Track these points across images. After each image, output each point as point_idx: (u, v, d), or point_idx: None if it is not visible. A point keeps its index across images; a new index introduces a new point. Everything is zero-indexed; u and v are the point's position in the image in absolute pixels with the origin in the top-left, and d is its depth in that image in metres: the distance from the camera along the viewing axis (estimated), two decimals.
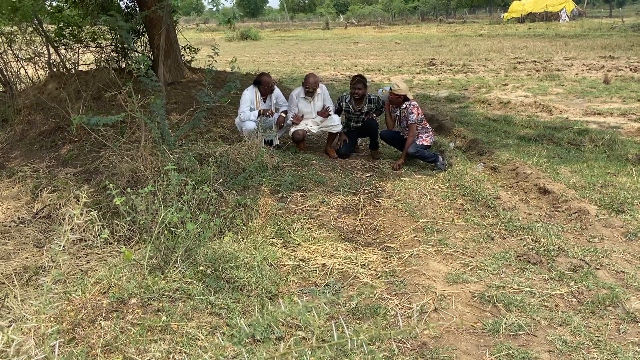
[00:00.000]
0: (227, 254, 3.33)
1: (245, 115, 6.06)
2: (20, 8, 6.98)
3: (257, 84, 6.24)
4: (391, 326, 2.93)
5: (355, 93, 6.23)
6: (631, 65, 13.57)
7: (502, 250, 3.87)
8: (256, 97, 6.22)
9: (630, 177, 5.16)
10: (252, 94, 6.20)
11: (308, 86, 6.21)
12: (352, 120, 6.50)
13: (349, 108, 6.39)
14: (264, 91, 6.25)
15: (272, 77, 6.40)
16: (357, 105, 6.35)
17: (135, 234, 3.80)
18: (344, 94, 6.48)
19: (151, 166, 4.59)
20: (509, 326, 2.91)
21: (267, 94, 6.30)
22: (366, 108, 6.36)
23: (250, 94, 6.20)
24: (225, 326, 2.65)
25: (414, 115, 5.91)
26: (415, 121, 5.92)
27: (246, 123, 6.03)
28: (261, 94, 6.26)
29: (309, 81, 6.23)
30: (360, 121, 6.45)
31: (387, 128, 6.34)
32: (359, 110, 6.37)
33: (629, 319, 2.94)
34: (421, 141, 5.94)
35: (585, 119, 8.21)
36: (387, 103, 6.20)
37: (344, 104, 6.40)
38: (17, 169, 5.65)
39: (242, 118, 6.08)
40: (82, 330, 2.44)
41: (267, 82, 6.21)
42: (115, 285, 2.82)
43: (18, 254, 3.85)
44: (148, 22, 7.67)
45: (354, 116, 6.43)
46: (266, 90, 6.24)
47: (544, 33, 27.81)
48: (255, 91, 6.23)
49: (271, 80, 6.28)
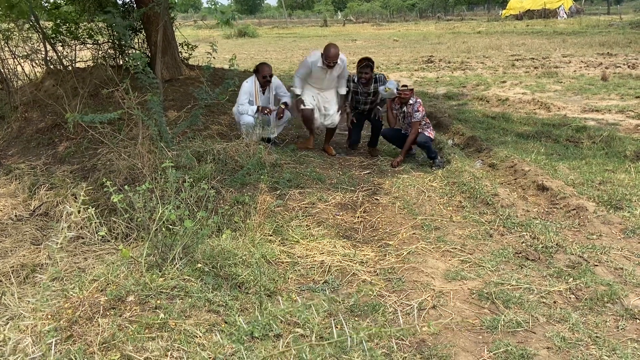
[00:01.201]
0: (225, 251, 3.32)
1: (244, 109, 5.89)
2: (17, 5, 6.95)
3: (256, 72, 6.02)
4: (390, 323, 2.92)
5: (362, 78, 6.06)
6: (629, 62, 13.57)
7: (501, 247, 3.86)
8: (255, 89, 5.99)
9: (628, 174, 5.16)
10: (252, 85, 5.99)
11: (329, 59, 5.77)
12: (360, 102, 6.31)
13: (357, 89, 6.21)
14: (262, 82, 6.01)
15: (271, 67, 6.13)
16: (365, 87, 6.18)
17: (132, 232, 3.79)
18: (352, 75, 6.29)
19: (149, 163, 4.58)
20: (507, 323, 2.91)
21: (266, 84, 6.05)
22: (373, 88, 6.17)
23: (249, 85, 5.99)
24: (224, 324, 2.64)
25: (419, 113, 5.83)
26: (419, 119, 5.84)
27: (244, 117, 5.89)
28: (260, 85, 6.03)
29: (330, 53, 5.74)
30: (369, 102, 6.27)
31: (389, 125, 6.26)
32: (367, 91, 6.20)
33: (627, 316, 2.94)
34: (428, 134, 5.90)
35: (584, 115, 8.22)
36: (390, 101, 6.10)
37: (352, 85, 6.24)
38: (14, 166, 5.62)
39: (241, 110, 5.91)
40: (80, 328, 2.43)
41: (264, 71, 5.94)
42: (113, 282, 2.81)
43: (15, 251, 3.83)
44: (145, 19, 7.63)
45: (362, 97, 6.25)
46: (264, 80, 5.99)
47: (542, 30, 27.81)
48: (255, 82, 6.01)
49: (269, 70, 6.00)
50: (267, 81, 6.00)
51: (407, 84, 5.84)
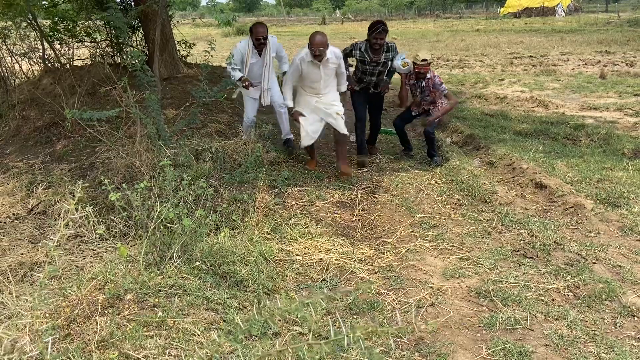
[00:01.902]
0: (224, 249, 3.32)
1: (232, 73, 5.43)
2: (14, 3, 6.93)
3: (250, 34, 5.45)
4: (388, 321, 2.93)
5: (376, 44, 5.30)
6: (627, 60, 13.59)
7: (499, 245, 3.87)
8: (248, 50, 5.43)
9: (626, 172, 5.16)
10: (245, 46, 5.45)
11: (314, 46, 4.92)
12: (366, 73, 5.51)
13: (365, 57, 5.40)
14: (256, 44, 5.41)
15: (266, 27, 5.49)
16: (375, 55, 5.41)
17: (131, 230, 3.79)
18: (359, 42, 5.51)
19: (147, 162, 4.57)
20: (505, 320, 2.91)
21: (261, 47, 5.44)
22: (383, 58, 5.42)
23: (242, 45, 5.47)
24: (222, 322, 2.64)
25: (444, 85, 5.50)
26: (447, 90, 5.53)
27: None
28: (255, 47, 5.44)
29: (315, 40, 4.92)
30: (376, 74, 5.51)
31: (400, 103, 5.70)
32: (376, 60, 5.43)
33: (625, 313, 2.95)
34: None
35: (582, 113, 8.22)
36: (404, 76, 5.52)
37: (357, 53, 5.45)
38: (12, 164, 5.61)
39: (230, 72, 5.46)
40: (78, 326, 2.43)
41: (258, 32, 5.34)
42: (111, 281, 2.81)
43: (13, 250, 3.83)
44: (143, 16, 7.62)
45: (369, 67, 5.46)
46: (259, 43, 5.39)
47: (540, 28, 27.79)
48: (249, 42, 5.45)
49: (263, 31, 5.37)
50: (261, 43, 5.41)
51: (427, 58, 5.40)
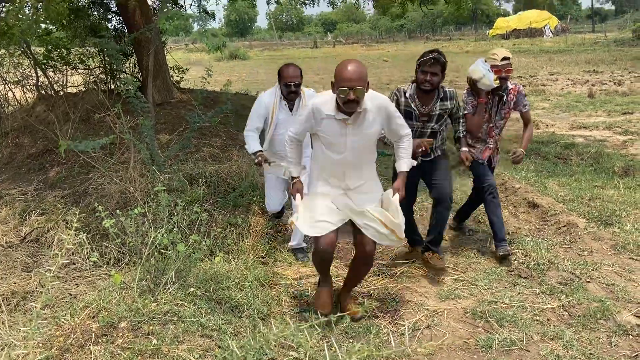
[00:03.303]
0: (218, 274, 3.31)
1: (247, 140, 3.98)
2: (8, 32, 6.97)
3: (279, 78, 3.95)
4: (384, 344, 2.91)
5: (427, 81, 3.51)
6: (615, 79, 13.82)
7: (493, 265, 3.88)
8: (274, 104, 3.97)
9: (617, 190, 5.22)
10: (271, 99, 3.98)
11: (287, 80, 3.84)
12: (415, 132, 3.60)
13: (411, 108, 3.64)
14: (285, 92, 3.91)
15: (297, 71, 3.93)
16: (425, 105, 3.65)
17: (125, 257, 3.77)
18: (402, 87, 3.74)
19: (141, 187, 4.58)
20: (501, 341, 2.91)
21: (292, 96, 3.93)
22: (438, 109, 3.67)
23: (268, 97, 4.00)
24: (217, 348, 2.62)
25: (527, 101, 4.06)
26: (528, 105, 4.09)
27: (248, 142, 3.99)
28: (284, 97, 3.95)
29: (288, 72, 3.86)
30: (427, 134, 3.71)
31: (471, 134, 3.95)
32: (428, 112, 3.66)
33: (620, 332, 2.95)
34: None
35: (572, 132, 8.33)
36: (485, 93, 3.84)
37: (402, 101, 3.65)
38: (5, 192, 5.59)
39: (245, 139, 4.02)
40: (72, 356, 2.41)
41: (287, 76, 3.86)
42: (105, 308, 2.79)
43: (6, 278, 3.79)
44: (137, 43, 7.69)
45: (418, 125, 3.67)
46: (288, 91, 3.88)
47: (529, 49, 28.25)
48: (276, 91, 4.01)
49: (295, 73, 3.88)
50: (292, 92, 3.89)
51: (508, 55, 3.84)
